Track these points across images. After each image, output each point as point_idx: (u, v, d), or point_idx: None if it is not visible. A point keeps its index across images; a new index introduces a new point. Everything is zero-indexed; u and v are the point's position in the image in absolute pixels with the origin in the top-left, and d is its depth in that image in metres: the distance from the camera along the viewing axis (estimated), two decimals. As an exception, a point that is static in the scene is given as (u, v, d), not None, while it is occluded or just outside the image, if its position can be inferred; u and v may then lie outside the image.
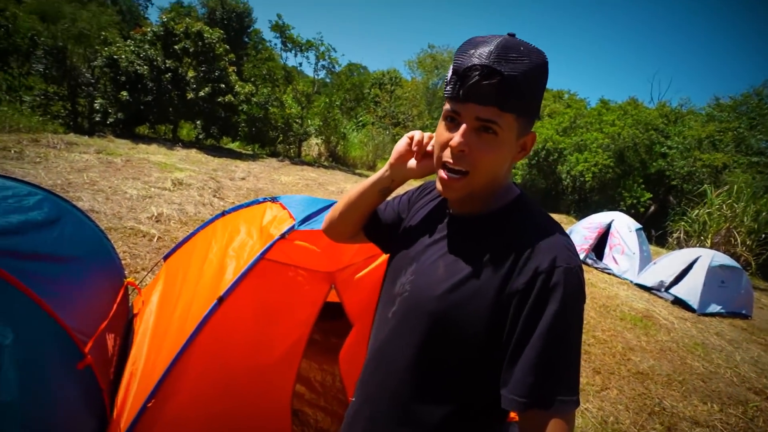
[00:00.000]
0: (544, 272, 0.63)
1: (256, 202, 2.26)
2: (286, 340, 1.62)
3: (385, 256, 1.92)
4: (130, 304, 2.28)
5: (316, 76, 17.83)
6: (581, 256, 7.71)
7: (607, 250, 7.86)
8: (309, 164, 14.13)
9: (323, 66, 16.47)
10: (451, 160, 0.69)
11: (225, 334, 1.40)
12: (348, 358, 1.81)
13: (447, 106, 0.70)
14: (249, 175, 8.82)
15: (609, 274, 7.46)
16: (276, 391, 1.65)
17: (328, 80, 20.54)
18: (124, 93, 11.05)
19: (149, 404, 1.17)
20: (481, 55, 0.63)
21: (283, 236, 1.65)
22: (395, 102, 24.76)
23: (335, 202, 2.18)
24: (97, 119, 11.26)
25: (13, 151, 6.18)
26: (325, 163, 15.41)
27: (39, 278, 1.36)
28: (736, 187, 11.28)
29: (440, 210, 0.84)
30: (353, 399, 0.87)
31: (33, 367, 1.16)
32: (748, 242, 10.36)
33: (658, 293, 6.72)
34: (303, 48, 15.75)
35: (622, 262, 7.55)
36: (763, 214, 10.60)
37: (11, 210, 1.59)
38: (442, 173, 0.71)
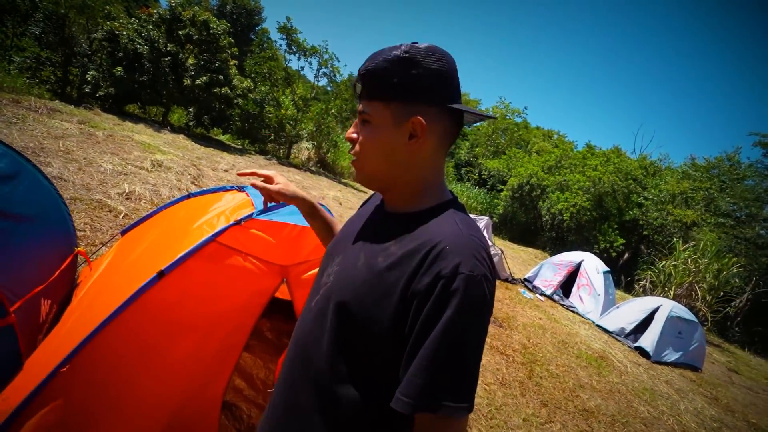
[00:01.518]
0: (445, 277, 0.62)
1: (224, 189, 2.26)
2: (227, 326, 1.60)
3: None
4: (76, 275, 2.22)
5: (316, 82, 17.99)
6: (549, 291, 7.87)
7: (574, 288, 8.04)
8: (296, 167, 14.10)
9: (324, 73, 16.64)
10: (352, 152, 0.79)
11: (162, 310, 1.37)
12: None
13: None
14: (232, 168, 8.74)
15: (573, 312, 7.61)
16: (210, 379, 1.61)
17: (328, 88, 20.75)
18: (119, 69, 10.90)
19: (62, 369, 1.13)
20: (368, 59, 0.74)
21: (238, 222, 1.65)
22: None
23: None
24: (87, 90, 11.04)
25: (-10, 109, 6.00)
26: (313, 168, 15.41)
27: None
28: (702, 244, 11.77)
29: (379, 208, 0.86)
30: (274, 385, 0.85)
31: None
32: (707, 298, 10.75)
33: (618, 338, 6.88)
34: (307, 53, 15.90)
35: (588, 301, 7.73)
36: (724, 273, 11.05)
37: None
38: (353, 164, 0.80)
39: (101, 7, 12.29)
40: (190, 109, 13.22)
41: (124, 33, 11.17)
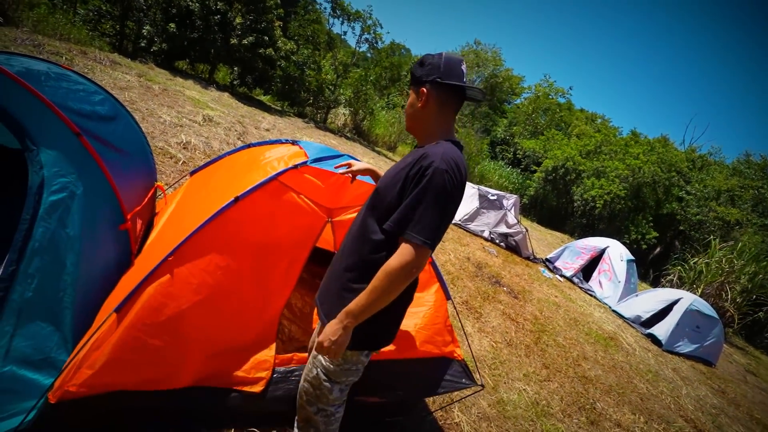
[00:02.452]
0: (423, 167, 1.15)
1: (279, 141, 2.61)
2: (284, 255, 1.95)
3: None
4: (154, 204, 2.67)
5: (357, 48, 17.93)
6: (569, 273, 8.00)
7: (595, 273, 8.12)
8: (332, 131, 14.41)
9: (366, 39, 16.55)
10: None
11: (236, 228, 1.74)
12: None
13: None
14: (273, 128, 9.16)
15: (591, 295, 7.73)
16: (271, 301, 1.96)
17: (369, 54, 20.58)
18: (172, 25, 11.37)
19: (169, 258, 1.52)
20: None
21: (295, 167, 1.99)
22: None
23: (346, 155, 2.53)
24: (142, 45, 11.62)
25: (64, 59, 6.59)
26: (348, 134, 15.67)
27: (104, 157, 1.73)
28: (740, 244, 11.33)
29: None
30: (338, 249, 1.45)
31: (91, 215, 1.54)
32: (738, 300, 10.48)
33: (632, 324, 7.00)
34: (351, 17, 15.82)
35: (607, 287, 7.82)
36: (760, 276, 10.68)
37: (83, 100, 1.96)
38: None
39: (158, -38, 12.66)
40: (235, 69, 13.64)
41: (179, -11, 11.53)
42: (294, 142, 2.46)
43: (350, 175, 1.74)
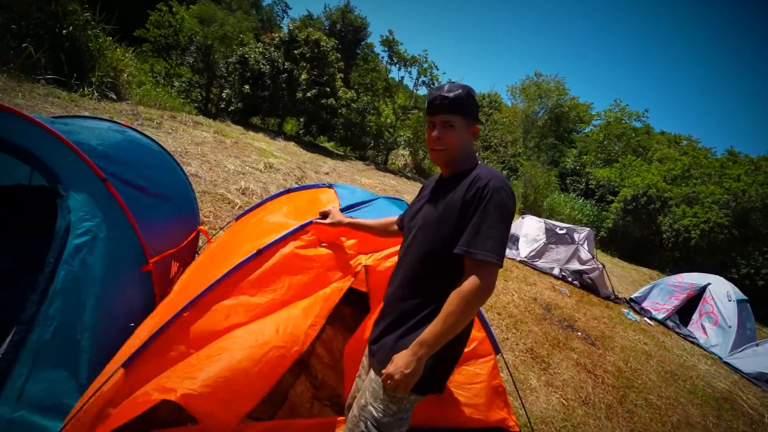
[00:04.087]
0: (480, 188, 1.17)
1: (317, 186, 2.62)
2: (308, 304, 1.84)
3: None
4: (199, 248, 2.78)
5: (415, 91, 18.53)
6: (660, 316, 6.88)
7: (695, 316, 6.86)
8: (393, 172, 14.68)
9: (423, 82, 17.05)
10: (433, 145, 1.31)
11: (258, 280, 1.69)
12: (352, 350, 1.98)
13: (428, 118, 1.33)
14: (333, 172, 9.55)
15: (692, 342, 6.50)
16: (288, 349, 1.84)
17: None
18: (247, 87, 12.79)
19: (184, 313, 1.50)
20: (436, 91, 1.30)
21: (323, 216, 1.92)
22: (491, 126, 24.43)
23: (381, 197, 2.43)
24: (222, 106, 13.16)
25: (155, 122, 7.62)
26: (409, 174, 15.85)
27: (134, 201, 1.83)
28: None
29: (439, 181, 1.41)
30: (387, 291, 1.41)
31: (113, 258, 1.59)
32: None
33: (755, 382, 5.68)
34: (407, 63, 16.51)
35: (713, 334, 6.53)
36: None
37: (131, 149, 2.13)
38: (432, 153, 1.35)
39: (236, 35, 14.57)
40: (301, 119, 14.78)
41: (252, 56, 13.04)
42: (330, 186, 2.45)
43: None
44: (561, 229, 7.99)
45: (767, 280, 11.87)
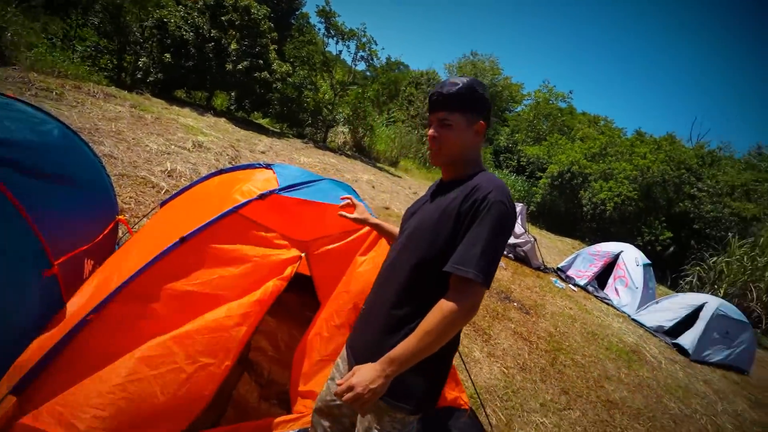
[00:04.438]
0: (479, 200, 1.08)
1: (252, 166, 2.39)
2: (245, 299, 1.68)
3: (360, 233, 2.01)
4: (118, 240, 2.45)
5: (354, 66, 18.00)
6: (582, 282, 7.61)
7: (610, 280, 7.71)
8: (332, 150, 14.32)
9: (362, 57, 16.59)
10: (430, 144, 1.23)
11: (182, 273, 1.49)
12: (300, 354, 1.87)
13: (429, 117, 1.25)
14: (269, 150, 9.05)
15: (608, 304, 7.32)
16: (224, 347, 1.66)
17: (367, 73, 20.68)
18: (168, 55, 11.49)
19: (89, 317, 1.28)
20: (437, 87, 1.20)
21: (261, 197, 1.75)
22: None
23: (325, 178, 2.29)
24: (139, 76, 11.74)
25: (54, 93, 6.56)
26: (348, 152, 15.57)
27: (31, 191, 1.52)
28: (762, 240, 10.82)
29: (440, 185, 1.32)
30: (366, 301, 1.34)
31: (4, 261, 1.31)
32: (764, 298, 9.93)
33: (655, 334, 6.56)
34: (345, 36, 15.90)
35: (624, 294, 7.40)
36: (787, 273, 10.13)
37: (23, 128, 1.76)
38: (429, 153, 1.27)
39: (152, -5, 12.91)
40: (232, 94, 13.72)
41: (172, 20, 11.69)
42: (268, 166, 2.24)
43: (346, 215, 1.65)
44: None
45: (664, 245, 13.69)
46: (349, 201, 1.69)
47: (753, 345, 6.64)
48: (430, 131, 1.22)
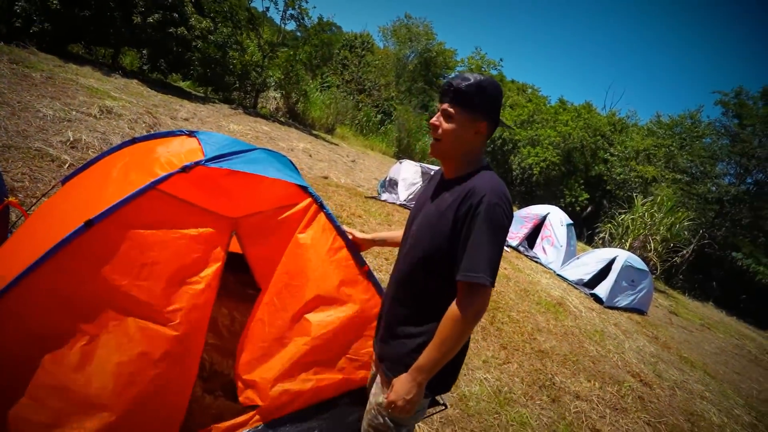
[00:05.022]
0: (474, 206, 1.10)
1: (173, 133, 2.07)
2: (173, 289, 1.47)
3: (297, 208, 1.85)
4: (11, 226, 2.04)
5: (283, 25, 16.72)
6: (514, 243, 8.17)
7: (538, 240, 8.37)
8: (264, 117, 13.44)
9: (291, 15, 15.44)
10: (431, 133, 1.25)
11: (90, 263, 1.26)
12: (242, 342, 1.71)
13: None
14: (194, 117, 8.22)
15: (536, 262, 7.97)
16: (169, 356, 1.46)
17: (298, 34, 19.33)
18: (55, 2, 9.65)
19: None
20: (454, 77, 1.19)
21: (184, 169, 1.51)
22: (364, 68, 24.03)
23: (258, 148, 2.06)
24: (18, 25, 9.77)
25: None
26: (282, 119, 14.75)
27: None
28: (659, 198, 12.40)
29: (441, 180, 1.32)
30: (383, 311, 1.39)
31: None
32: (659, 249, 11.52)
33: (576, 286, 7.32)
34: (272, -10, 14.60)
35: (550, 252, 8.09)
36: (677, 226, 11.79)
37: None
38: (431, 143, 1.27)
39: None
40: (144, 52, 12.07)
41: (58, -42, 9.77)
42: (191, 134, 1.95)
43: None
44: (435, 172, 8.57)
45: (582, 206, 15.16)
46: (351, 235, 1.76)
47: (651, 289, 7.71)
48: (433, 119, 1.23)
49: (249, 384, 1.63)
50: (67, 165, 3.62)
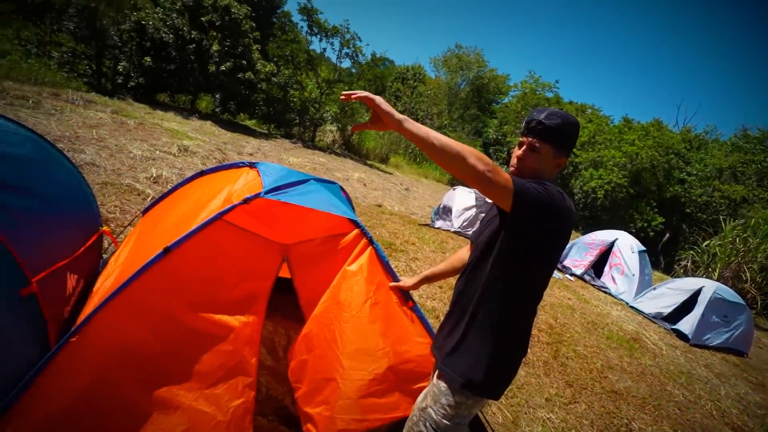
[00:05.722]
0: None
1: (236, 165, 2.26)
2: (236, 307, 1.59)
3: (347, 239, 1.90)
4: (104, 254, 2.32)
5: (339, 64, 17.83)
6: (579, 271, 7.60)
7: (606, 268, 7.72)
8: (321, 149, 14.17)
9: (347, 54, 16.44)
10: (513, 163, 1.33)
11: (169, 285, 1.39)
12: (297, 355, 1.79)
13: (520, 138, 1.33)
14: (257, 152, 8.88)
15: (605, 292, 7.32)
16: (229, 361, 1.58)
17: (353, 70, 20.46)
18: (148, 59, 11.20)
19: (72, 338, 1.18)
20: (537, 114, 1.28)
21: (245, 201, 1.64)
22: (416, 98, 24.61)
23: (311, 178, 2.17)
24: (119, 81, 11.43)
25: (30, 101, 6.33)
26: (338, 151, 15.44)
27: (2, 207, 1.39)
28: (753, 221, 10.95)
29: None
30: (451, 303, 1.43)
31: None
32: (758, 279, 10.05)
33: (654, 320, 6.57)
34: (328, 33, 15.72)
35: (621, 282, 7.41)
36: (777, 252, 10.26)
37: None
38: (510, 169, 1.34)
39: (128, -3, 12.56)
40: (216, 96, 13.46)
41: (150, 23, 11.40)
42: (252, 166, 2.12)
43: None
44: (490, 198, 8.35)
45: (657, 231, 13.82)
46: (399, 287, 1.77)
47: (750, 326, 6.68)
48: (519, 152, 1.30)
49: (308, 417, 1.67)
50: (149, 198, 4.07)
